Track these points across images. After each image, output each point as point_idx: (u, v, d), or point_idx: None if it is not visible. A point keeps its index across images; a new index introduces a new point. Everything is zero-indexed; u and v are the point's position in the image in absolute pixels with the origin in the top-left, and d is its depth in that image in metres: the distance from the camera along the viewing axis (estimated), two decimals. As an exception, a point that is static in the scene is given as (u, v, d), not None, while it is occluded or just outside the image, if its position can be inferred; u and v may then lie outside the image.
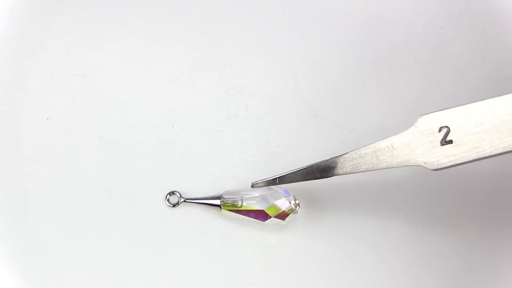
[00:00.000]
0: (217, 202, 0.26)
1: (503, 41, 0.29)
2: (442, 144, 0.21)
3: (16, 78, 0.28)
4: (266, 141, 0.28)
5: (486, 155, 0.21)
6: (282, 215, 0.25)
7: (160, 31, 0.29)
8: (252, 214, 0.25)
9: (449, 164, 0.21)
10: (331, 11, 0.30)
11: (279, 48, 0.29)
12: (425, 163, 0.21)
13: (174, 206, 0.26)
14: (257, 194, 0.25)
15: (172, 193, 0.27)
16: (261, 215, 0.25)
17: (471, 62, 0.29)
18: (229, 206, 0.25)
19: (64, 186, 0.27)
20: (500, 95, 0.21)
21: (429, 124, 0.21)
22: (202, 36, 0.29)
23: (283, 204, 0.25)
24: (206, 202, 0.26)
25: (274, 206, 0.25)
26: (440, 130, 0.21)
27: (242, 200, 0.25)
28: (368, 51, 0.29)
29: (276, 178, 0.24)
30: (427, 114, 0.22)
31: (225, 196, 0.26)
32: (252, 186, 0.25)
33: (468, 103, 0.21)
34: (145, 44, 0.29)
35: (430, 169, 0.21)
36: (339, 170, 0.23)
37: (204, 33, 0.29)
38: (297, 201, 0.25)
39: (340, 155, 0.23)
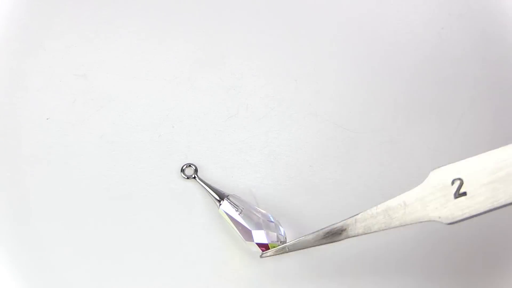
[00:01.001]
0: (221, 198, 0.26)
1: (503, 41, 0.29)
2: (456, 197, 0.21)
3: (16, 78, 0.29)
4: (266, 141, 0.28)
5: (502, 204, 0.20)
6: (264, 246, 0.25)
7: (160, 31, 0.29)
8: (240, 228, 0.25)
9: (464, 216, 0.20)
10: (331, 11, 0.30)
11: (279, 48, 0.29)
12: (440, 217, 0.21)
13: (188, 178, 0.27)
14: (258, 215, 0.25)
15: (188, 165, 0.27)
16: (246, 233, 0.25)
17: (471, 62, 0.29)
18: (227, 207, 0.25)
19: (64, 186, 0.27)
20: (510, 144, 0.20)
21: (441, 178, 0.21)
22: (202, 36, 0.29)
23: (270, 237, 0.25)
24: (211, 192, 0.26)
25: (260, 234, 0.25)
26: (453, 182, 0.21)
27: (242, 210, 0.25)
28: (368, 51, 0.29)
29: (285, 245, 0.24)
30: (438, 167, 0.21)
31: (230, 198, 0.26)
32: (261, 257, 0.25)
33: (479, 154, 0.21)
34: (145, 44, 0.29)
35: (445, 223, 0.21)
36: (350, 232, 0.22)
37: (204, 33, 0.29)
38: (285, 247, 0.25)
39: (352, 217, 0.22)
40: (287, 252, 0.24)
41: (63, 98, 0.28)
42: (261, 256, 0.25)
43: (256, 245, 0.25)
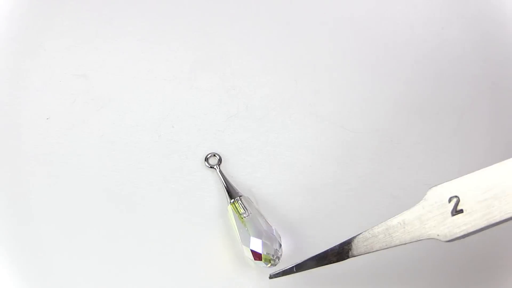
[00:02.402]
0: (234, 196, 0.26)
1: (503, 41, 0.29)
2: (453, 214, 0.21)
3: (16, 78, 0.29)
4: (266, 141, 0.28)
5: (497, 221, 0.21)
6: (257, 255, 0.24)
7: (160, 31, 0.29)
8: (241, 230, 0.25)
9: (462, 233, 0.21)
10: (331, 11, 0.30)
11: (279, 48, 0.29)
12: (438, 235, 0.21)
13: (211, 167, 0.27)
14: (262, 225, 0.25)
15: (213, 154, 0.27)
16: (245, 237, 0.25)
17: (471, 62, 0.29)
18: (236, 208, 0.25)
19: (64, 186, 0.27)
20: (505, 160, 0.21)
21: (438, 196, 0.21)
22: (202, 36, 0.29)
23: (266, 248, 0.24)
24: (227, 188, 0.26)
25: (258, 243, 0.25)
26: (450, 200, 0.21)
27: (249, 215, 0.25)
28: (368, 51, 0.29)
29: (293, 266, 0.24)
30: (435, 186, 0.21)
31: (242, 199, 0.25)
32: (270, 277, 0.24)
33: (475, 171, 0.21)
34: (145, 44, 0.29)
35: (443, 241, 0.21)
36: (353, 252, 0.23)
37: (204, 33, 0.29)
38: (276, 260, 0.25)
39: (353, 237, 0.22)
40: (294, 272, 0.24)
41: (63, 98, 0.28)
42: (270, 277, 0.24)
43: (250, 251, 0.25)
